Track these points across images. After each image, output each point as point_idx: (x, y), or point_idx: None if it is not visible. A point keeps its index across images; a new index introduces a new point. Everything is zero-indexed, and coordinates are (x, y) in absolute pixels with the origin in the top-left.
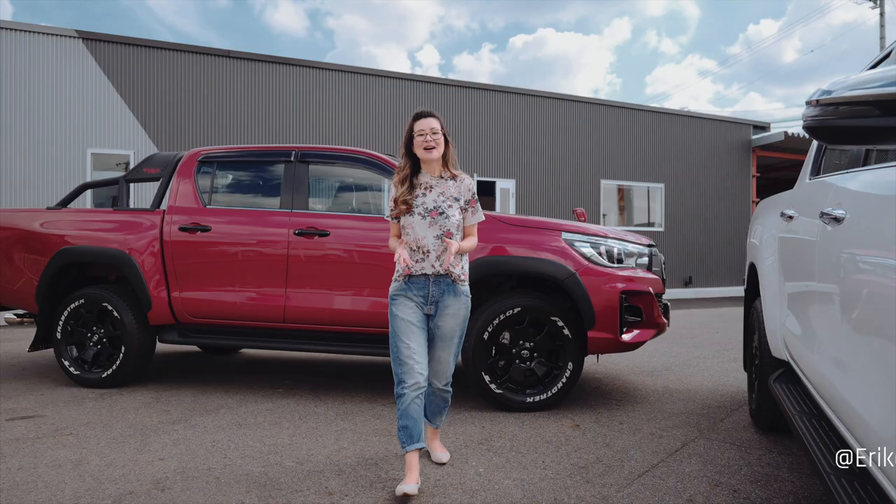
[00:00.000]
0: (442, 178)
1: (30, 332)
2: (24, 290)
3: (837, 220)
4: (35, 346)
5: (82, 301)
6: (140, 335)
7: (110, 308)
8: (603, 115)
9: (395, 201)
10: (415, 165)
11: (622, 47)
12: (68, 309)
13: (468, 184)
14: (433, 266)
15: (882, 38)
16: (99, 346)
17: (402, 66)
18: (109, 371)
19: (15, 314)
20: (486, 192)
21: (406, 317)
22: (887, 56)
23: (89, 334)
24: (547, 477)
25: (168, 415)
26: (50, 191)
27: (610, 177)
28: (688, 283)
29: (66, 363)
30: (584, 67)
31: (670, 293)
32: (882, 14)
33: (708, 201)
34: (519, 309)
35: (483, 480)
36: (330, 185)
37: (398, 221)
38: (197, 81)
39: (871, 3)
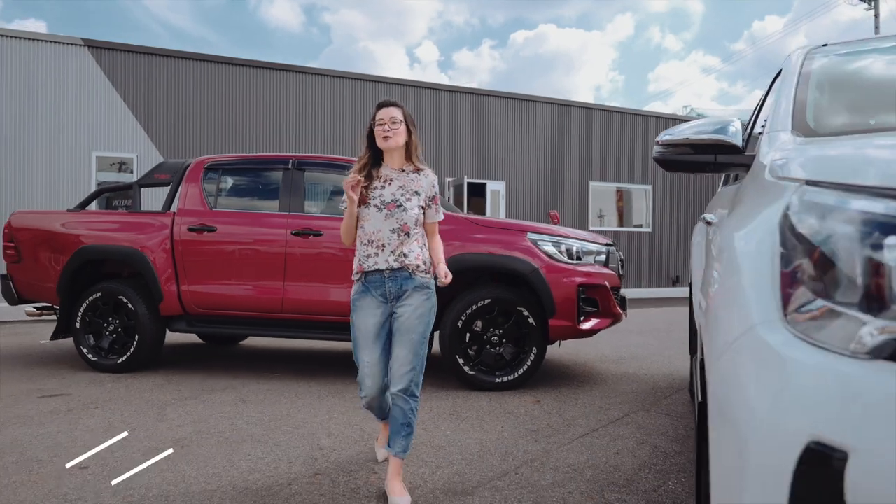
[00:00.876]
0: (404, 171)
1: (38, 328)
2: (46, 285)
3: (709, 223)
4: (56, 335)
5: (99, 294)
6: (152, 325)
7: (125, 300)
8: (591, 119)
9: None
10: (376, 156)
11: (625, 44)
12: (87, 301)
13: (431, 179)
14: (387, 261)
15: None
16: (114, 335)
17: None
18: (124, 357)
19: (35, 307)
20: (476, 194)
21: (362, 325)
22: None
23: (105, 324)
24: (503, 437)
25: (179, 393)
26: (57, 191)
27: (598, 178)
28: (675, 282)
29: (85, 350)
30: (586, 64)
31: (658, 292)
32: (877, 15)
33: (695, 202)
34: (489, 300)
35: (449, 440)
36: (324, 190)
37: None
38: (198, 87)
39: (866, 4)
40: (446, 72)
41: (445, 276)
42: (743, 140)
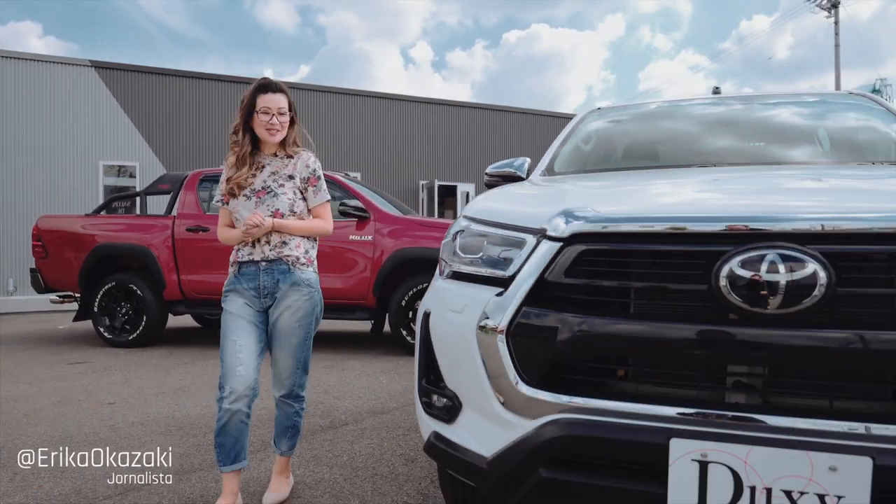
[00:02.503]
0: (276, 156)
1: (55, 316)
2: (69, 276)
3: None
4: (78, 317)
5: (113, 283)
6: (157, 308)
7: (135, 288)
8: (554, 126)
9: (228, 182)
10: (252, 142)
11: (616, 43)
12: (103, 290)
13: (306, 159)
14: (263, 252)
15: (836, 45)
16: (126, 317)
17: (395, 62)
18: (134, 335)
19: (58, 296)
20: (449, 195)
21: (235, 311)
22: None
23: (119, 308)
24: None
25: (180, 359)
26: (68, 196)
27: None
28: None
29: (102, 329)
30: (578, 64)
31: None
32: (836, 23)
33: None
34: (426, 284)
35: (382, 386)
36: None
37: (227, 206)
38: (194, 102)
39: (826, 13)
40: (440, 72)
41: (257, 219)
42: (527, 172)
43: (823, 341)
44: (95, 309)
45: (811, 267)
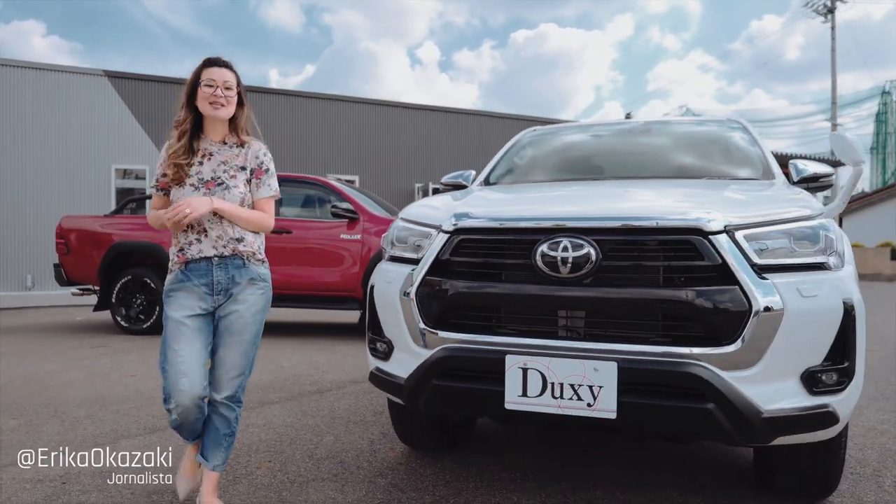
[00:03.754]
0: (226, 143)
1: (71, 310)
2: (89, 271)
3: None
4: (97, 307)
5: (129, 277)
6: None
7: (148, 281)
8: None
9: (169, 160)
10: (196, 123)
11: (625, 43)
12: (120, 283)
13: (256, 150)
14: (215, 247)
15: (833, 49)
16: (141, 307)
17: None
18: (148, 323)
19: (79, 288)
20: None
21: (177, 316)
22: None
23: (134, 299)
24: None
25: None
26: (82, 197)
27: None
28: None
29: (119, 319)
30: (587, 64)
31: None
32: (833, 27)
33: None
34: None
35: (361, 363)
36: (295, 199)
37: (164, 193)
38: None
39: (823, 18)
40: (447, 72)
41: (187, 208)
42: (472, 181)
43: (594, 293)
44: (113, 300)
45: (587, 249)
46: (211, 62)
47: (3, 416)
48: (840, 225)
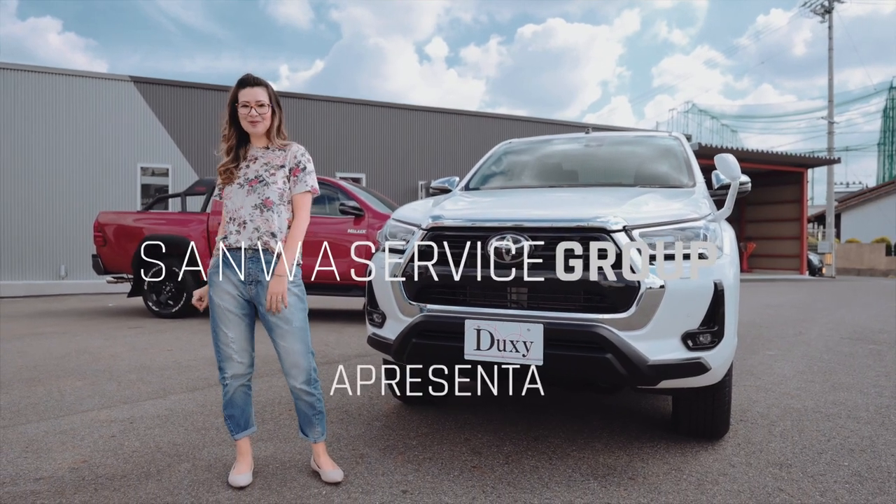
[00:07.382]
0: (268, 148)
1: (102, 298)
2: (124, 261)
3: None
4: (131, 294)
5: (160, 267)
6: (195, 286)
7: (177, 271)
8: (541, 131)
9: (219, 171)
10: (241, 136)
11: (631, 38)
12: (151, 272)
13: (294, 151)
14: (250, 239)
15: (830, 49)
16: (170, 294)
17: (409, 58)
18: (177, 308)
19: (113, 277)
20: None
21: (221, 303)
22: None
23: (164, 286)
24: None
25: None
26: (111, 193)
27: None
28: None
29: (150, 304)
30: (593, 59)
31: None
32: (830, 27)
33: None
34: None
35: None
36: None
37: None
38: (219, 111)
39: (820, 18)
40: (454, 67)
41: (275, 300)
42: (456, 185)
43: (528, 275)
44: (146, 287)
45: (524, 243)
46: (243, 83)
47: (69, 378)
48: (838, 221)
